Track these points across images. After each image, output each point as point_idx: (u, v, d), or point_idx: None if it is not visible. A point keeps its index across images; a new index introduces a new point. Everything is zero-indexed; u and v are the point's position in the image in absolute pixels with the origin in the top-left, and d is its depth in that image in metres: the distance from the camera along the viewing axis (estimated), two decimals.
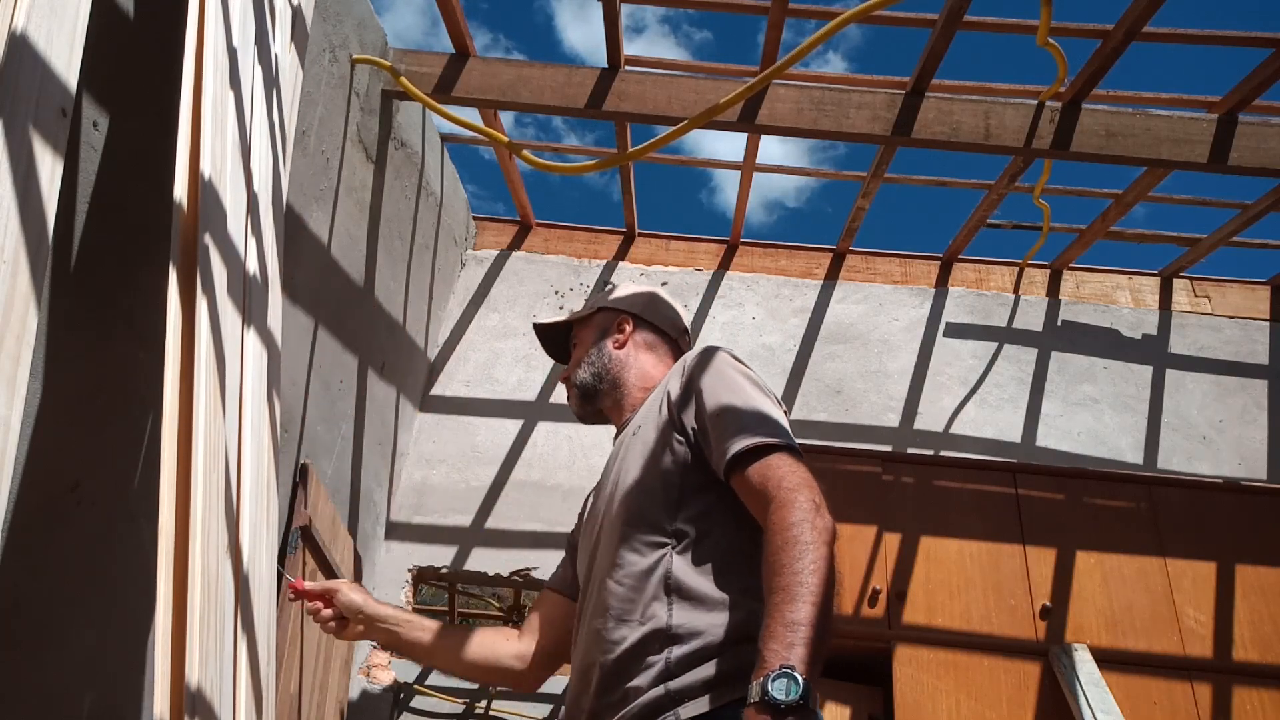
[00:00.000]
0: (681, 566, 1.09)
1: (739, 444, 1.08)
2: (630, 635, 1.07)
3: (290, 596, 1.40)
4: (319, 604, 1.37)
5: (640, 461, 1.20)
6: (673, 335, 1.47)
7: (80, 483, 1.27)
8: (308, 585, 1.38)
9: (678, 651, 1.03)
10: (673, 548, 1.11)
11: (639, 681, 1.03)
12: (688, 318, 1.56)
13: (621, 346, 1.43)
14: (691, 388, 1.20)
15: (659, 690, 1.01)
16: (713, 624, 1.04)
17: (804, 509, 0.98)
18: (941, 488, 2.49)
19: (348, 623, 1.37)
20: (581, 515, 1.43)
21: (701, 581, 1.08)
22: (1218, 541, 2.39)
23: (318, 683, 2.19)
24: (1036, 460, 3.04)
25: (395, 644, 1.39)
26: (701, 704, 0.99)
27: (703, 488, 1.14)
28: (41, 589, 1.21)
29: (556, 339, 1.58)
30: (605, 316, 1.48)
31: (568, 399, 1.48)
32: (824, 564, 0.93)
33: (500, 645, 1.39)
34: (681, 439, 1.17)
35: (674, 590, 1.07)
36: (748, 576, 1.06)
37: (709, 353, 1.24)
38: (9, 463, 0.86)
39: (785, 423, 1.14)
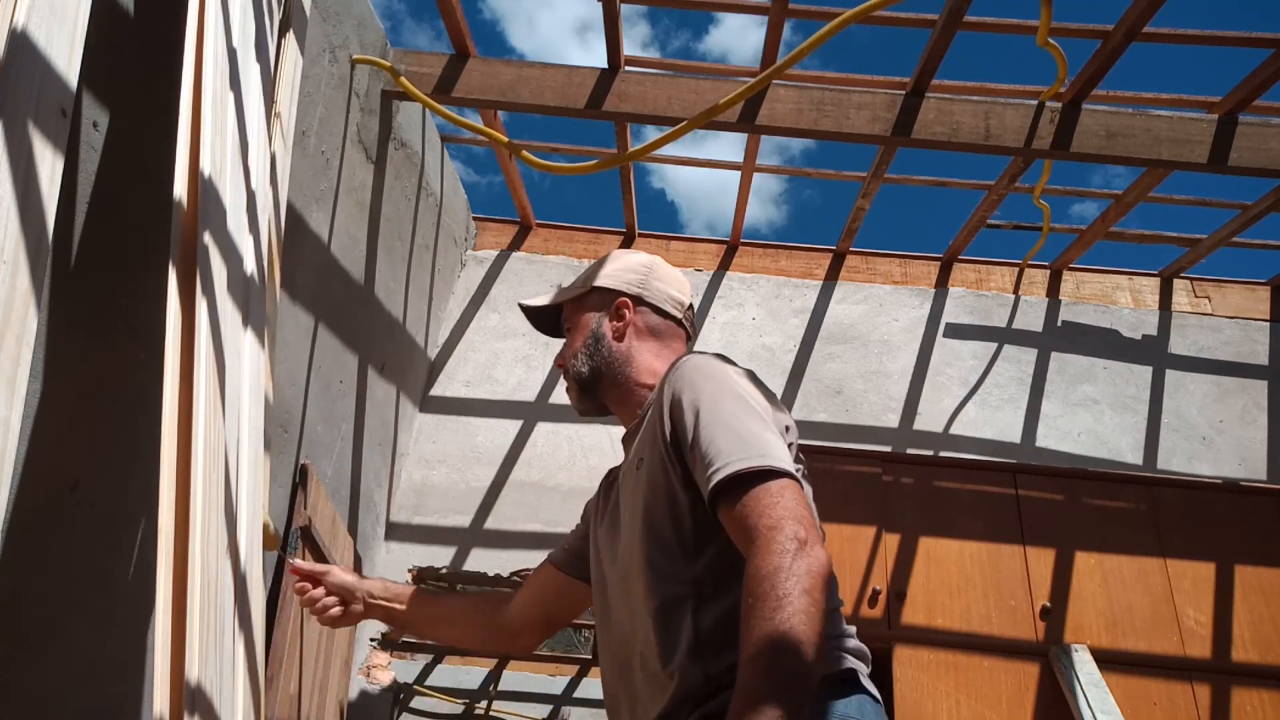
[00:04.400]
0: (707, 617, 1.01)
1: (714, 479, 0.96)
2: (668, 689, 1.01)
3: (295, 581, 1.41)
4: (307, 585, 1.37)
5: (646, 502, 1.10)
6: (677, 315, 1.32)
7: (80, 483, 1.27)
8: (302, 565, 1.40)
9: (717, 702, 0.97)
10: (695, 598, 1.02)
11: None
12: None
13: (621, 336, 1.28)
14: (676, 415, 1.08)
15: None
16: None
17: (781, 552, 0.87)
18: (941, 488, 2.49)
19: (345, 611, 1.37)
20: (594, 509, 1.35)
21: (730, 627, 0.98)
22: (1217, 542, 2.39)
23: (318, 683, 2.19)
24: (1036, 460, 3.04)
25: (392, 620, 1.40)
26: None
27: (715, 525, 1.02)
28: (42, 588, 1.21)
29: (547, 315, 1.42)
30: (600, 297, 1.31)
31: (566, 389, 1.34)
32: (799, 618, 0.82)
33: (493, 616, 1.40)
34: (680, 474, 1.06)
35: (704, 644, 1.00)
36: None
37: (689, 365, 1.12)
38: (9, 463, 0.86)
39: (771, 437, 1.00)
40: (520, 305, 1.41)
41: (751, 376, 1.14)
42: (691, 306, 1.37)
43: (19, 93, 0.93)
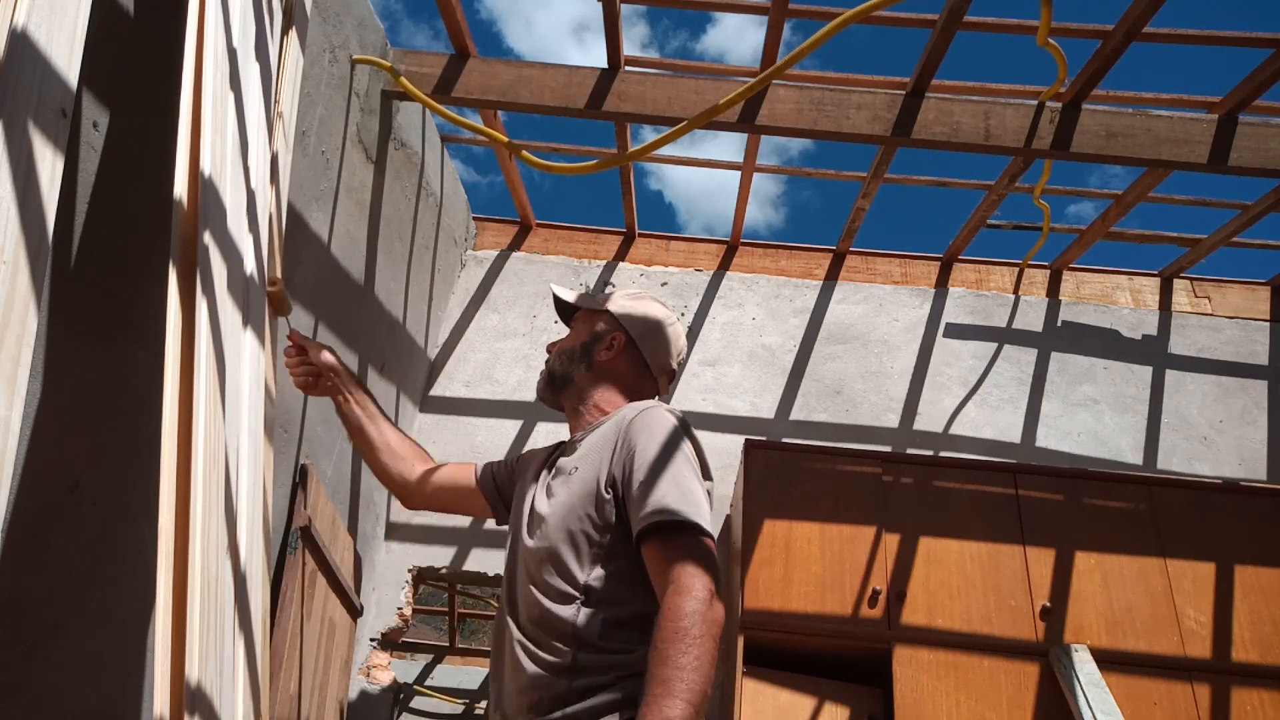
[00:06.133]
0: (587, 620, 1.16)
1: (654, 516, 1.13)
2: (538, 668, 1.17)
3: (288, 346, 1.61)
4: (291, 349, 1.58)
5: (571, 506, 1.25)
6: (654, 374, 1.49)
7: (80, 483, 1.27)
8: (299, 335, 1.59)
9: (578, 683, 1.13)
10: (581, 602, 1.17)
11: (543, 706, 1.13)
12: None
13: (604, 362, 1.46)
14: (630, 449, 1.23)
15: (558, 714, 1.12)
16: (611, 663, 1.14)
17: (699, 598, 1.04)
18: (941, 488, 2.49)
19: (316, 382, 1.59)
20: (534, 464, 1.45)
21: (604, 632, 1.16)
22: (1218, 542, 2.39)
23: (318, 683, 2.19)
24: (1036, 460, 3.04)
25: (343, 412, 1.61)
26: None
27: (621, 550, 1.19)
28: (42, 589, 1.21)
29: (566, 306, 1.63)
30: (609, 321, 1.49)
31: (540, 373, 1.54)
32: (707, 660, 1.00)
33: (409, 466, 1.59)
34: (611, 497, 1.22)
35: (580, 639, 1.16)
36: (646, 632, 1.14)
37: (655, 416, 1.27)
38: (9, 463, 0.86)
39: (705, 504, 1.18)
40: (551, 287, 1.63)
41: (697, 444, 1.29)
42: (673, 373, 1.53)
43: (19, 93, 0.93)
